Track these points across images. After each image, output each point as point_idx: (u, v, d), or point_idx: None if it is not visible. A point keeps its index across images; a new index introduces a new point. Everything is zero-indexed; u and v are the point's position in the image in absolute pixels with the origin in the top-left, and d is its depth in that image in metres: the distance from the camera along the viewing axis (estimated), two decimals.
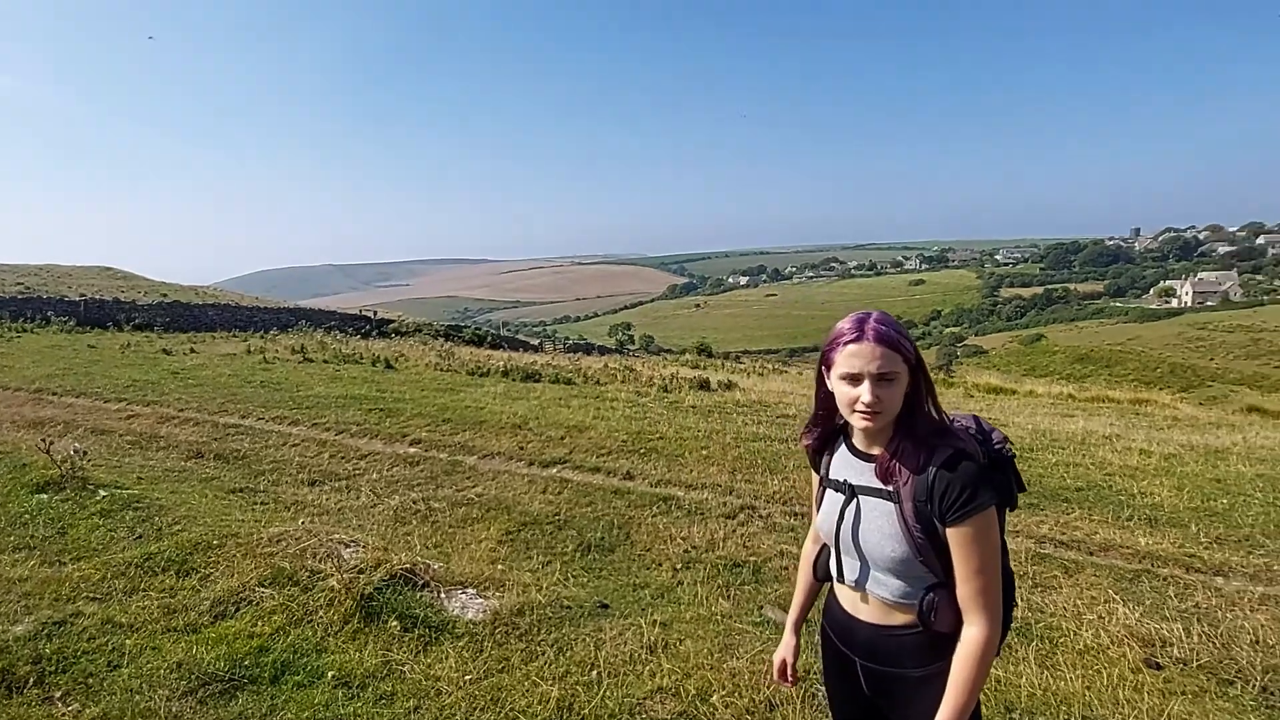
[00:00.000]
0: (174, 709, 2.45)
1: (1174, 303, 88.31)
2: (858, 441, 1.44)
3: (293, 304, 36.05)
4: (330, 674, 2.77)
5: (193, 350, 16.02)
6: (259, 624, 3.13)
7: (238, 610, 3.27)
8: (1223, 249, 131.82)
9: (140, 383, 10.85)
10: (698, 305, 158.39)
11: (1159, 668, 3.25)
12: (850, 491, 1.42)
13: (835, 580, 1.50)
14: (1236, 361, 50.34)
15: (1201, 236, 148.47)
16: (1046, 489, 6.11)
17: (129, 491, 5.02)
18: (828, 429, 1.50)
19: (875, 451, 1.40)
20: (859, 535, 1.39)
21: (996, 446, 1.39)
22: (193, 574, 3.66)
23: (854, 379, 1.33)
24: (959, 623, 1.32)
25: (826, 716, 2.56)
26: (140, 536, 4.21)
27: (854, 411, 1.34)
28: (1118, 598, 3.96)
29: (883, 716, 1.48)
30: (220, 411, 8.99)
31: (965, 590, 1.30)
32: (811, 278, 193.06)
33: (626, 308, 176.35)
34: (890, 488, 1.35)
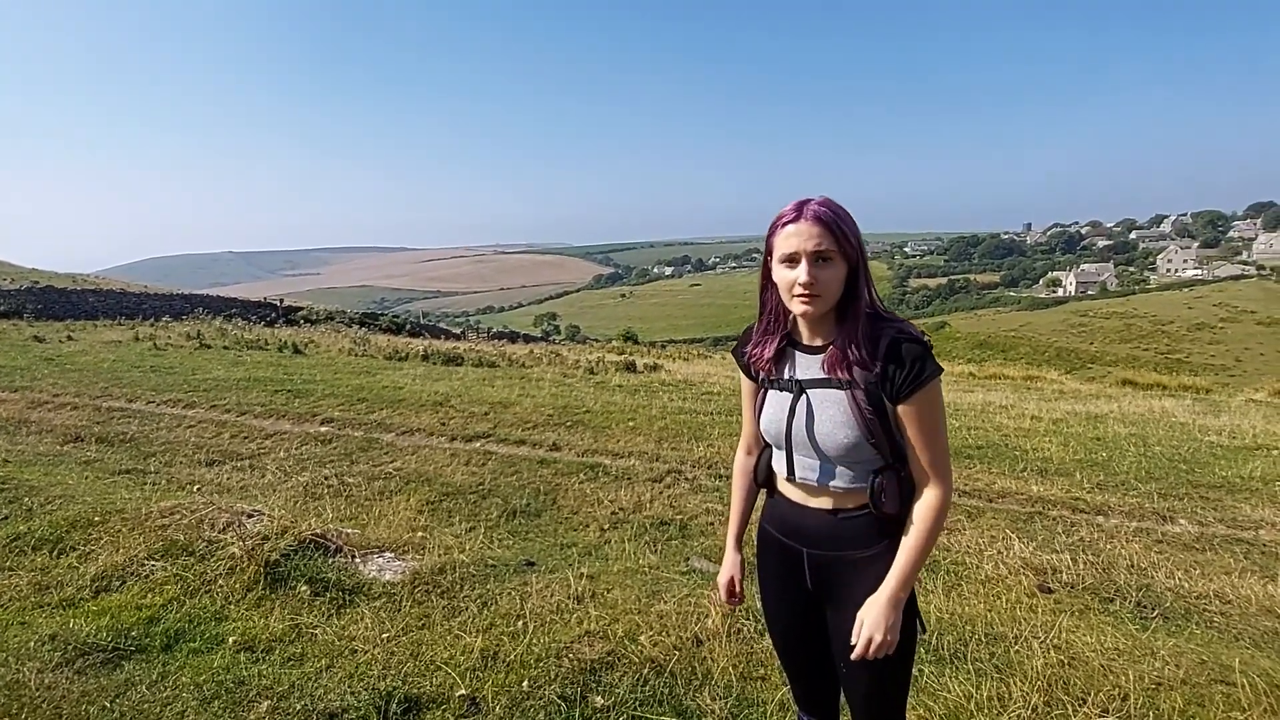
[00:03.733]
0: (46, 680, 2.20)
1: (1060, 291, 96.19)
2: (803, 337, 1.44)
3: (188, 291, 33.34)
4: (232, 639, 2.57)
5: (70, 338, 14.59)
6: (148, 596, 2.87)
7: (123, 584, 2.99)
8: (1101, 242, 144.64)
9: (6, 369, 9.78)
10: (623, 295, 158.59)
11: (1050, 591, 3.52)
12: (798, 388, 1.41)
13: (784, 479, 1.50)
14: (1112, 345, 55.49)
15: (1084, 231, 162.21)
16: (951, 448, 6.49)
17: None
18: (776, 333, 1.46)
19: (819, 343, 1.41)
20: (812, 428, 1.39)
21: (921, 337, 1.43)
22: (70, 552, 3.32)
23: (792, 260, 1.33)
24: (903, 506, 1.37)
25: (752, 649, 2.62)
26: (6, 517, 3.77)
27: (793, 296, 1.34)
28: (1014, 535, 4.26)
29: (819, 612, 1.50)
30: (103, 396, 8.22)
31: (923, 458, 1.35)
32: (735, 268, 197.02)
33: (552, 298, 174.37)
34: (840, 376, 1.36)
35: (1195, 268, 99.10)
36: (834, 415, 1.36)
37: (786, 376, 1.44)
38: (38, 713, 2.07)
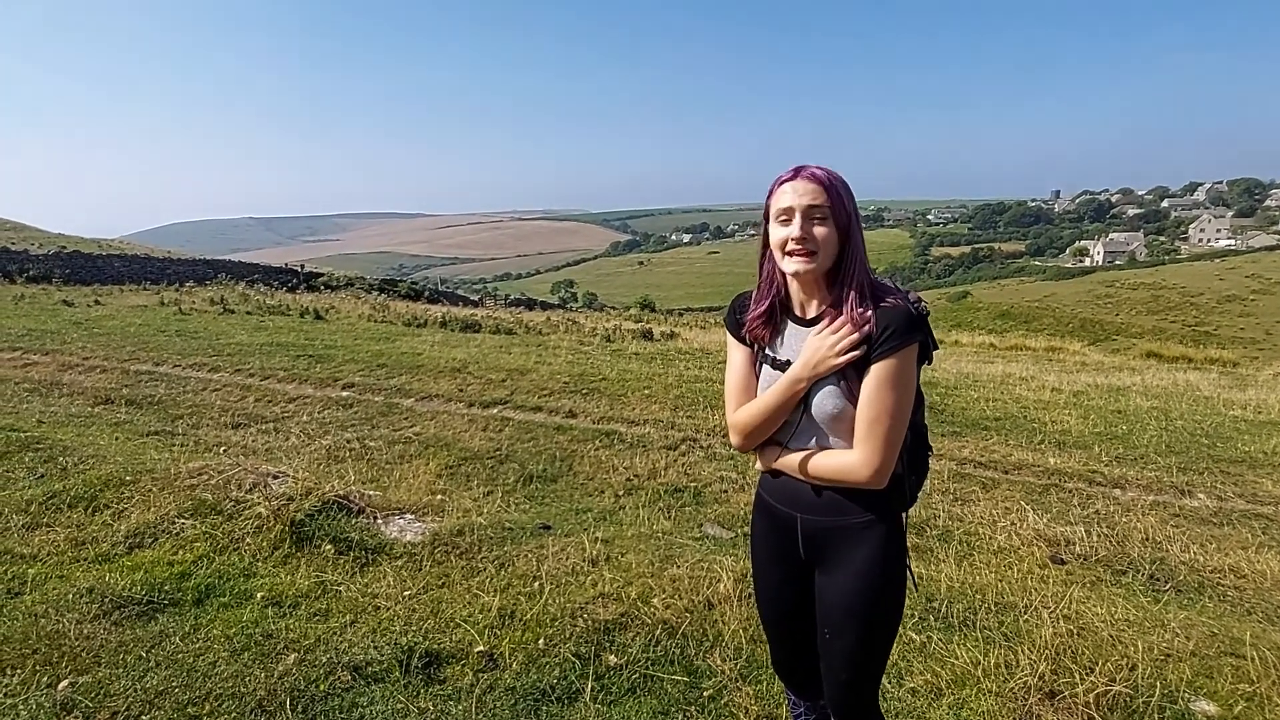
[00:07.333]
0: (85, 631, 2.31)
1: (1087, 261, 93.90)
2: (796, 308, 1.45)
3: (210, 257, 33.69)
4: (260, 595, 2.68)
5: (97, 302, 14.88)
6: (180, 552, 2.98)
7: (155, 541, 3.10)
8: (1132, 211, 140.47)
9: (37, 331, 10.01)
10: (641, 263, 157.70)
11: (1063, 562, 3.53)
12: (789, 367, 1.42)
13: (780, 448, 1.49)
14: (1138, 317, 54.20)
15: (1114, 199, 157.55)
16: (968, 419, 6.46)
17: (28, 434, 4.65)
18: (770, 302, 1.47)
19: (811, 314, 1.41)
20: (806, 401, 1.40)
21: (914, 304, 1.41)
22: (104, 510, 3.44)
23: (786, 215, 1.34)
24: (902, 471, 1.38)
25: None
26: (43, 476, 3.91)
27: (786, 254, 1.35)
28: (1028, 507, 4.26)
29: (809, 579, 1.50)
30: (130, 359, 8.41)
31: (864, 424, 1.31)
32: (753, 235, 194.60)
33: (569, 265, 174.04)
34: None
35: (1229, 237, 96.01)
36: (825, 386, 1.37)
37: (782, 357, 1.45)
38: (78, 660, 2.18)
